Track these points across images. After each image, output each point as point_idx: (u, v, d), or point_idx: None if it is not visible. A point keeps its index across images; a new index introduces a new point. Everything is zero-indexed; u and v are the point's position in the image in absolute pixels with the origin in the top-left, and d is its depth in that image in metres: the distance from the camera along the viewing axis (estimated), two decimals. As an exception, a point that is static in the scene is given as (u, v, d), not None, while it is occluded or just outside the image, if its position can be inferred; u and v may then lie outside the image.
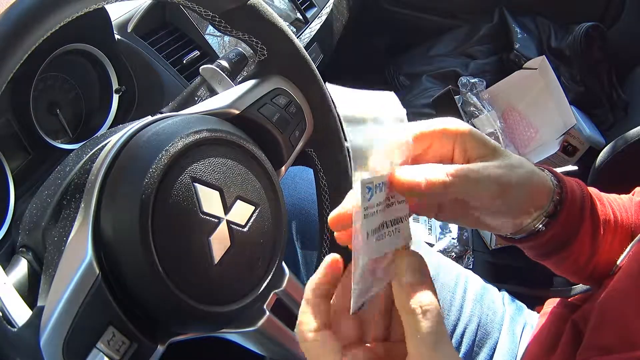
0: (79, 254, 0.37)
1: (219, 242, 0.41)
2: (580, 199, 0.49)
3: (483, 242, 1.07)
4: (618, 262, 0.55)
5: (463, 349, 0.71)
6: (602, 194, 0.54)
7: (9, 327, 0.35)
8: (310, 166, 0.60)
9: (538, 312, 0.75)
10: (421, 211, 0.42)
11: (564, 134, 1.24)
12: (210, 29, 0.89)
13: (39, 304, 0.37)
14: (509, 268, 1.02)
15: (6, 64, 0.33)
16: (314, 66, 0.55)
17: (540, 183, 0.44)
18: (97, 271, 0.36)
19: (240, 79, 0.56)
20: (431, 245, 1.05)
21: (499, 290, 0.81)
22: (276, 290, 0.49)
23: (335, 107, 0.58)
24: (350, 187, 0.31)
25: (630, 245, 0.55)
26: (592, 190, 0.52)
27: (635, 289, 0.51)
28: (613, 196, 0.56)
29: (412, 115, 1.66)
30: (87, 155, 0.42)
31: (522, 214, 0.44)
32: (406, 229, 0.36)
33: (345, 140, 0.60)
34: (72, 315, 0.35)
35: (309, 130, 0.56)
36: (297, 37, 0.74)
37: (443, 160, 0.40)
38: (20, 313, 0.36)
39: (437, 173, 0.35)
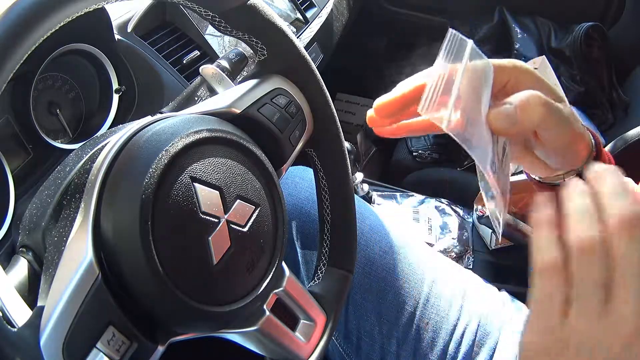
0: (79, 254, 0.37)
1: (219, 242, 0.41)
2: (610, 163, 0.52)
3: (483, 242, 1.07)
4: None
5: (463, 348, 0.71)
6: None
7: (9, 327, 0.35)
8: (310, 166, 0.60)
9: (538, 312, 0.75)
10: None
11: (564, 134, 1.23)
12: (210, 29, 0.89)
13: (39, 304, 0.37)
14: (509, 268, 1.02)
15: (6, 63, 0.33)
16: (314, 66, 0.55)
17: (587, 138, 0.47)
18: (97, 271, 0.36)
19: (240, 79, 0.56)
20: (431, 245, 1.05)
21: (499, 290, 0.81)
22: (276, 290, 0.49)
23: (334, 108, 0.58)
24: (350, 187, 0.31)
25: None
26: None
27: None
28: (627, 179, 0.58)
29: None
30: (87, 155, 0.42)
31: (569, 158, 0.46)
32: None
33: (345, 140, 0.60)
34: (72, 315, 0.35)
35: (309, 130, 0.56)
36: (297, 37, 0.74)
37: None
38: (20, 313, 0.36)
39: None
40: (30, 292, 0.40)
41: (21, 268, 0.41)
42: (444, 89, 0.35)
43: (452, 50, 0.36)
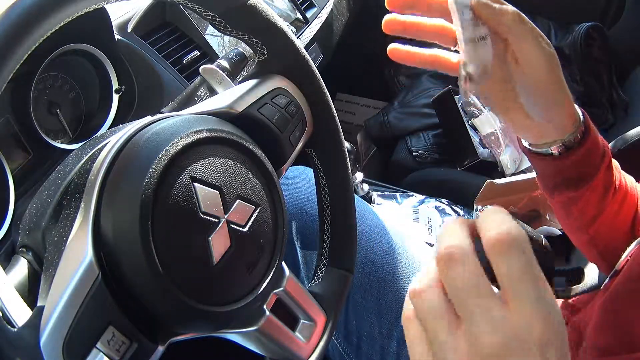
0: (79, 254, 0.37)
1: (219, 242, 0.41)
2: (602, 149, 0.55)
3: (483, 242, 1.06)
4: (617, 266, 0.56)
5: (463, 349, 0.71)
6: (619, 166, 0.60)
7: (9, 327, 0.35)
8: (310, 166, 0.60)
9: (538, 312, 0.75)
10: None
11: (564, 134, 1.24)
12: (210, 29, 0.89)
13: (39, 304, 0.37)
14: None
15: (6, 63, 0.33)
16: (314, 66, 0.55)
17: (572, 106, 0.51)
18: (97, 271, 0.36)
19: (240, 79, 0.56)
20: (431, 245, 1.05)
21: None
22: (276, 290, 0.49)
23: (334, 108, 0.58)
24: (350, 187, 0.31)
25: (630, 248, 0.55)
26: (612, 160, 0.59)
27: (636, 291, 0.51)
28: (628, 175, 0.60)
29: (412, 116, 1.64)
30: (87, 155, 0.42)
31: (551, 115, 0.50)
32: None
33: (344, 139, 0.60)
34: (72, 315, 0.35)
35: (309, 130, 0.56)
36: (297, 37, 0.74)
37: None
38: (20, 313, 0.36)
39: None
40: (30, 292, 0.40)
41: (21, 268, 0.41)
42: None
43: None
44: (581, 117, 0.53)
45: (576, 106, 0.53)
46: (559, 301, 0.72)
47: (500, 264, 0.29)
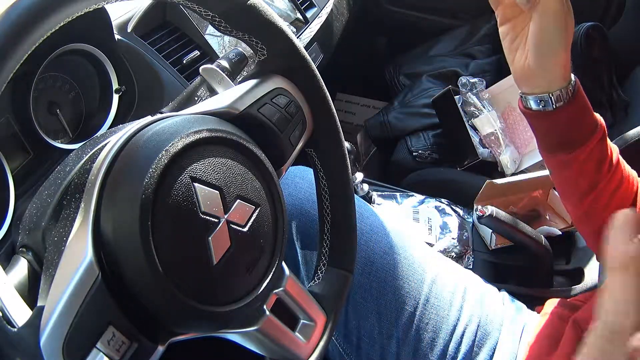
0: (79, 254, 0.37)
1: (219, 242, 0.41)
2: (596, 121, 0.60)
3: (483, 242, 1.07)
4: None
5: (463, 349, 0.71)
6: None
7: (9, 327, 0.35)
8: (310, 166, 0.60)
9: (538, 312, 0.75)
10: None
11: (564, 134, 1.23)
12: (210, 29, 0.89)
13: (39, 304, 0.37)
14: (509, 268, 1.02)
15: (6, 63, 0.33)
16: (314, 66, 0.55)
17: (566, 63, 0.56)
18: (97, 271, 0.36)
19: (240, 79, 0.56)
20: (431, 245, 1.05)
21: (499, 290, 0.81)
22: (276, 291, 0.49)
23: (334, 108, 0.58)
24: (350, 187, 0.31)
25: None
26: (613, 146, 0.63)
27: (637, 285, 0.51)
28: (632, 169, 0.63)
29: (412, 116, 1.64)
30: (87, 155, 0.42)
31: (545, 62, 0.55)
32: None
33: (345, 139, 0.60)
34: (72, 315, 0.35)
35: (309, 130, 0.56)
36: (297, 37, 0.74)
37: None
38: (20, 313, 0.36)
39: None
40: (30, 292, 0.40)
41: (21, 268, 0.41)
42: None
43: None
44: (573, 81, 0.57)
45: (573, 75, 0.57)
46: (558, 300, 0.72)
47: None
